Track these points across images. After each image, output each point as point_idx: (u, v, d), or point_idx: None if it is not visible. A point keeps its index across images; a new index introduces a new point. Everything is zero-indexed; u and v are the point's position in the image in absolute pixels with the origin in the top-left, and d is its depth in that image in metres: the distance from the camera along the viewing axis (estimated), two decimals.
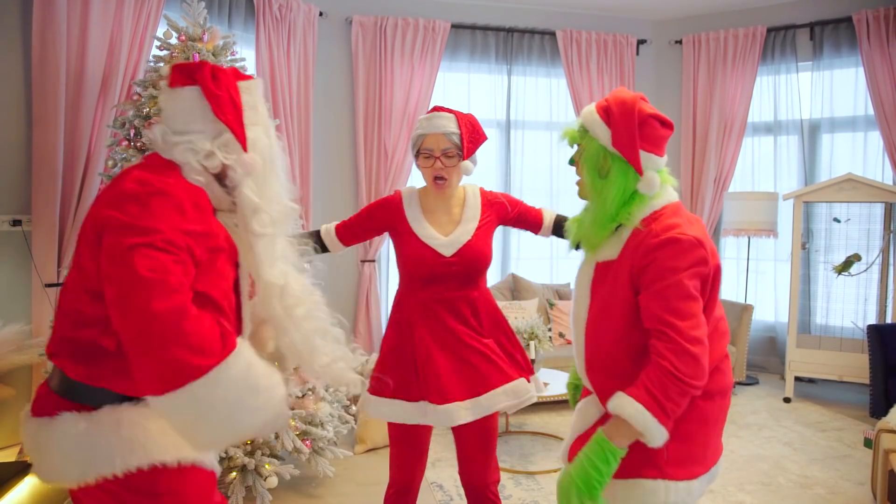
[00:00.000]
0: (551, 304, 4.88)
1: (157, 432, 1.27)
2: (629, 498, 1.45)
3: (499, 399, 1.93)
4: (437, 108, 2.01)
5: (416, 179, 5.08)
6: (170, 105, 1.43)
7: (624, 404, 1.36)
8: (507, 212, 2.08)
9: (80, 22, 3.30)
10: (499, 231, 6.82)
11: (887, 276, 4.68)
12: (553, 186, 5.42)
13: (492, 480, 2.05)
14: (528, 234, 2.27)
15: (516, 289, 4.96)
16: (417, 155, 1.99)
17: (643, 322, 1.44)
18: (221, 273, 1.37)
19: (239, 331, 1.43)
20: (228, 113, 1.41)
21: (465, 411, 1.87)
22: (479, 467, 2.01)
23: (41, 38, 3.19)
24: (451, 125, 1.95)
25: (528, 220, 2.16)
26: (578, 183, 1.62)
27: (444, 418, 1.86)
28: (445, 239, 1.95)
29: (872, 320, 4.68)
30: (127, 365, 1.18)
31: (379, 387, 1.97)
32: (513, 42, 5.21)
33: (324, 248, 2.10)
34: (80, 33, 3.31)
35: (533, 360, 3.72)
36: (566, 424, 4.12)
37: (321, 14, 4.68)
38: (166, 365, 1.13)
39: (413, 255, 1.96)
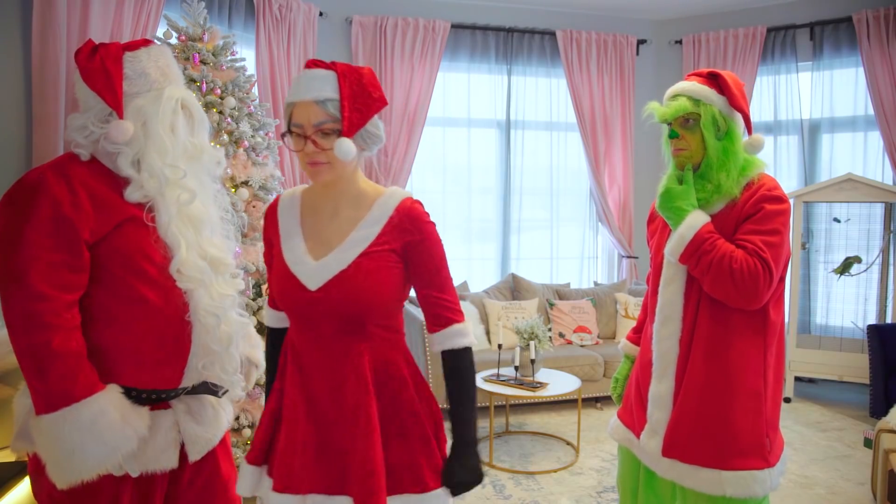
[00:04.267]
0: (551, 304, 4.88)
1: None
2: (740, 487, 1.59)
3: None
4: (312, 63, 1.38)
5: (416, 183, 5.08)
6: (77, 94, 1.47)
7: (695, 218, 1.62)
8: (415, 251, 1.39)
9: (80, 22, 3.30)
10: (497, 230, 6.68)
11: (887, 276, 4.68)
12: (553, 186, 5.42)
13: None
14: (528, 233, 2.13)
15: (516, 289, 4.96)
16: (288, 133, 1.36)
17: (733, 240, 1.62)
18: (133, 240, 1.39)
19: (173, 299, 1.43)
20: (97, 81, 1.39)
21: None
22: None
23: (41, 38, 3.19)
24: (326, 89, 1.33)
25: (430, 303, 1.42)
26: (681, 152, 1.73)
27: None
28: (314, 264, 1.37)
29: (872, 320, 4.68)
30: None
31: (251, 452, 1.46)
32: (513, 42, 5.21)
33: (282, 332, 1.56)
34: (80, 33, 3.31)
35: (533, 361, 3.72)
36: (566, 424, 4.12)
37: (321, 14, 4.68)
38: (32, 390, 1.32)
39: (274, 283, 1.43)
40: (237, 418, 2.83)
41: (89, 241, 1.34)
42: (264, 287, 2.95)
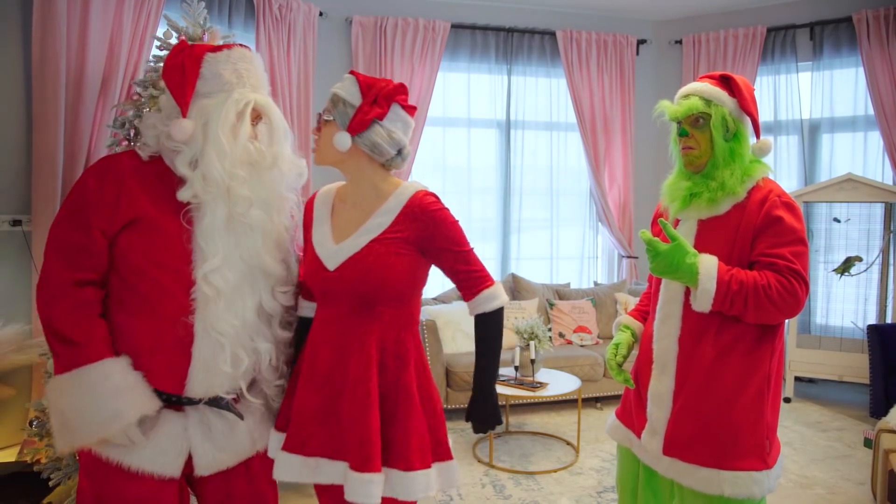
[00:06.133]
0: (551, 304, 4.88)
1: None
2: (738, 487, 1.58)
3: (338, 476, 1.48)
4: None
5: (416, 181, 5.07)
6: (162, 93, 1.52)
7: (708, 267, 1.55)
8: (430, 238, 1.54)
9: (80, 22, 3.30)
10: (496, 229, 6.66)
11: (887, 276, 4.68)
12: (553, 186, 5.42)
13: None
14: (528, 233, 2.08)
15: (516, 289, 4.96)
16: None
17: (757, 255, 1.59)
18: (150, 237, 1.41)
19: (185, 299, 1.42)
20: (172, 78, 1.41)
21: (291, 467, 1.49)
22: None
23: (41, 39, 3.19)
24: (345, 88, 1.53)
25: (460, 278, 1.59)
26: (690, 151, 1.73)
27: (280, 469, 1.50)
28: (334, 247, 1.54)
29: (872, 320, 4.68)
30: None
31: (278, 420, 1.62)
32: (513, 42, 5.21)
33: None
34: (80, 33, 3.31)
35: (533, 361, 3.72)
36: (566, 424, 4.12)
37: (321, 14, 4.68)
38: (52, 352, 1.40)
39: (305, 263, 1.63)
40: None
41: (107, 232, 1.40)
42: None
